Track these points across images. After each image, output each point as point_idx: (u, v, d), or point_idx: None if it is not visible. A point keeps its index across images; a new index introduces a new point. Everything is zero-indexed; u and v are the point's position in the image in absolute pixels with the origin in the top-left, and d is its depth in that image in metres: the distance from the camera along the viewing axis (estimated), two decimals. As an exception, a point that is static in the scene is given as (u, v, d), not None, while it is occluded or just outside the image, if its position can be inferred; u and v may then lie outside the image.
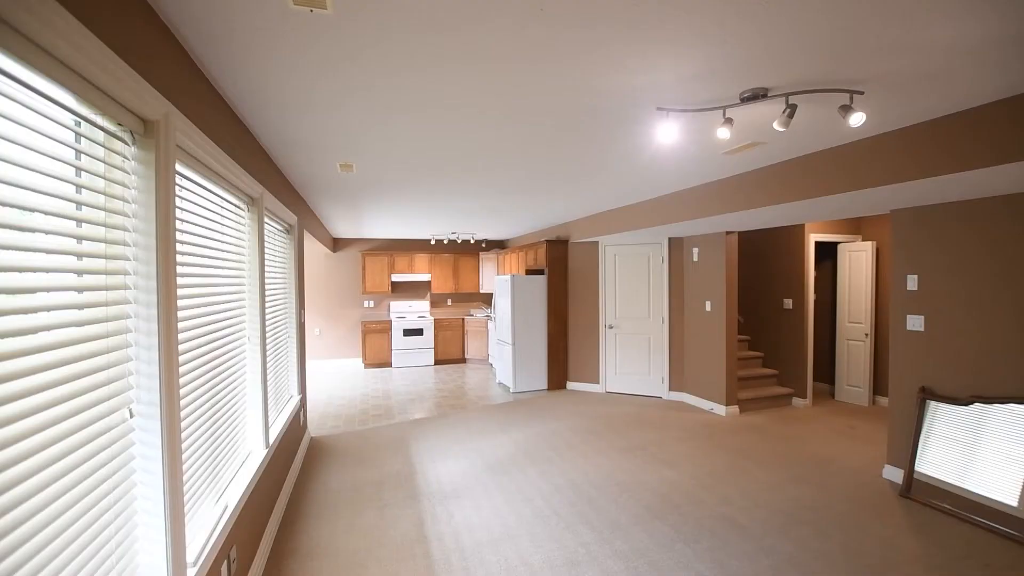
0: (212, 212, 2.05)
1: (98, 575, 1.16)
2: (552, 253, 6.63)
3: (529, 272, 7.20)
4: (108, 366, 1.23)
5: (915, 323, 3.49)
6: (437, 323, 8.66)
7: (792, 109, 2.00)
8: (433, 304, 9.23)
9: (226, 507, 1.98)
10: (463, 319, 8.81)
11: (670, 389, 6.01)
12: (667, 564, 2.55)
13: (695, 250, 5.68)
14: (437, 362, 8.69)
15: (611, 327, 6.36)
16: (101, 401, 1.20)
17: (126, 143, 1.32)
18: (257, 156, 2.71)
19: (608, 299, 6.38)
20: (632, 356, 6.25)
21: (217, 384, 2.07)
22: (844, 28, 1.57)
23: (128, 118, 1.29)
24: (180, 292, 1.63)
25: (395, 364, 8.43)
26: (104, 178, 1.23)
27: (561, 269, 6.69)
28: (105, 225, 1.23)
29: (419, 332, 8.52)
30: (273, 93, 2.07)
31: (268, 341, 3.01)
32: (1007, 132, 2.16)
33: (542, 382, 6.62)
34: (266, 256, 2.99)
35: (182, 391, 1.64)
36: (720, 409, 5.34)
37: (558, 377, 6.66)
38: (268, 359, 2.98)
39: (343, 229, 7.43)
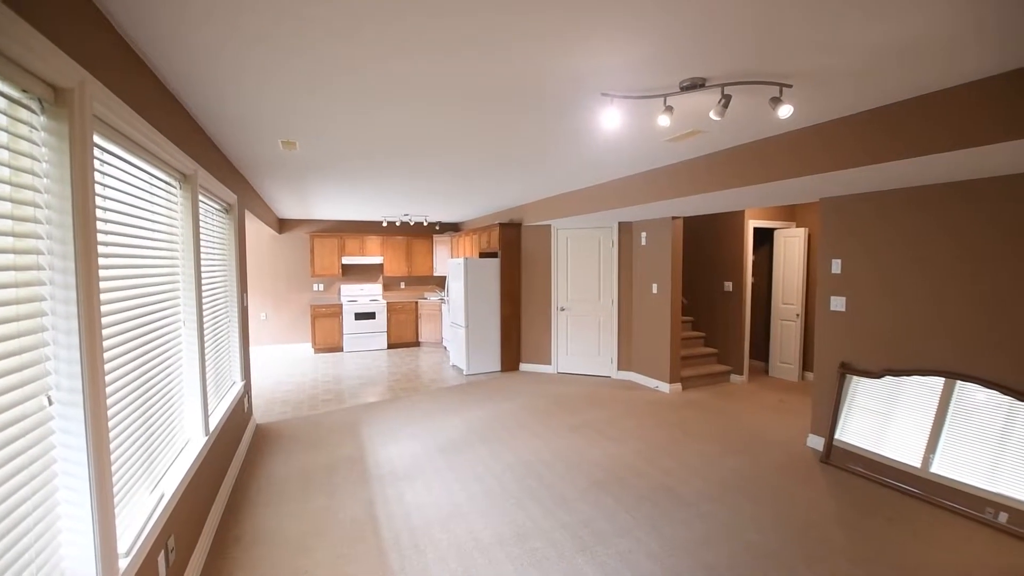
0: (139, 189, 1.93)
1: (13, 570, 1.11)
2: (505, 236, 6.65)
3: (483, 255, 7.20)
4: (21, 351, 1.16)
5: (838, 304, 3.78)
6: (390, 306, 8.54)
7: (727, 99, 2.09)
8: (386, 287, 9.08)
9: (162, 496, 1.92)
10: (417, 302, 8.73)
11: (619, 369, 6.23)
12: (609, 532, 2.69)
13: (643, 234, 5.86)
14: (390, 346, 8.59)
15: (563, 309, 6.49)
16: (13, 388, 1.13)
17: (33, 112, 1.23)
18: (190, 131, 2.56)
19: (560, 282, 6.50)
20: (583, 337, 6.42)
21: (150, 370, 1.98)
22: (776, 23, 1.65)
23: (35, 84, 1.19)
24: (104, 273, 1.54)
25: (347, 348, 8.26)
26: (8, 149, 1.14)
27: (514, 252, 6.74)
28: (11, 200, 1.15)
29: (371, 316, 8.38)
30: (204, 67, 1.96)
31: (206, 326, 2.89)
32: (920, 127, 2.34)
33: (495, 364, 6.69)
34: (202, 236, 2.85)
35: (109, 377, 1.56)
36: (664, 387, 5.59)
37: (511, 359, 6.75)
38: (207, 344, 2.87)
39: (290, 210, 7.14)
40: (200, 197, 2.80)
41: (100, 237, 1.53)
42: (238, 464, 3.54)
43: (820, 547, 2.55)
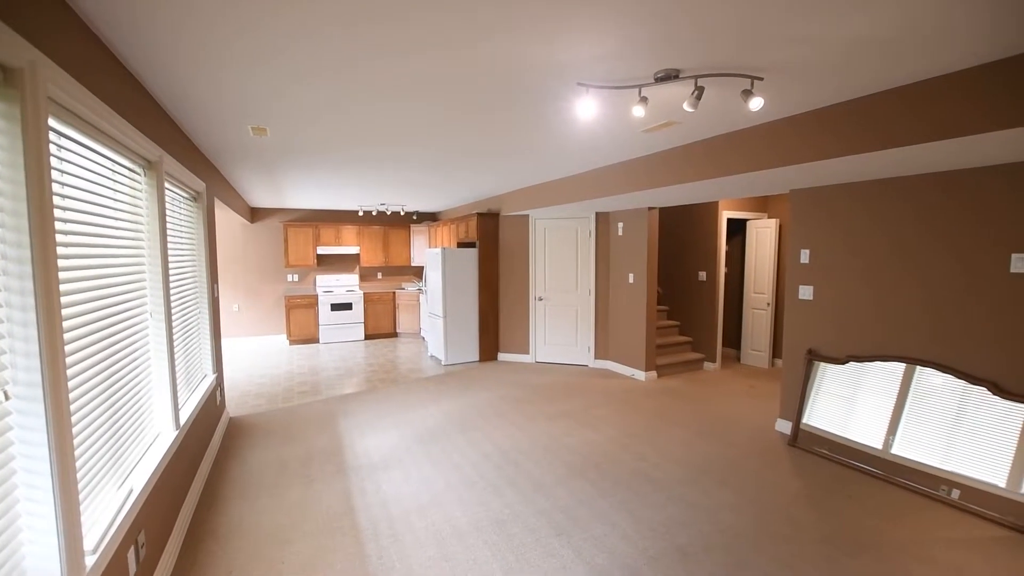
0: (100, 176, 1.86)
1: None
2: (483, 226, 6.63)
3: (461, 245, 7.17)
4: (-26, 344, 1.12)
5: (806, 293, 3.89)
6: (367, 297, 8.44)
7: (700, 91, 2.12)
8: (363, 278, 8.97)
9: (131, 491, 1.88)
10: (394, 292, 8.66)
11: (596, 357, 6.31)
12: (585, 516, 2.74)
13: (620, 225, 5.91)
14: (368, 337, 8.51)
15: (541, 299, 6.53)
16: (-33, 383, 1.09)
17: (-18, 93, 1.17)
18: (155, 116, 2.46)
19: (538, 272, 6.52)
20: (561, 327, 6.47)
21: (116, 363, 1.93)
22: (750, 16, 1.68)
23: (-17, 64, 1.13)
24: (64, 263, 1.49)
25: (323, 340, 8.16)
26: (-44, 133, 1.09)
27: (492, 242, 6.72)
28: (-39, 187, 1.09)
29: (348, 307, 8.27)
30: (166, 49, 1.89)
31: (175, 317, 2.82)
32: (895, 119, 2.41)
33: (474, 354, 6.70)
34: (169, 225, 2.77)
35: (72, 371, 1.52)
36: (640, 375, 5.69)
37: (489, 349, 6.77)
38: (176, 336, 2.80)
39: (262, 198, 6.97)
40: (166, 184, 2.71)
41: (59, 225, 1.47)
42: (211, 458, 3.48)
43: (786, 526, 2.65)
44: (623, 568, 2.30)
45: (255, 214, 8.10)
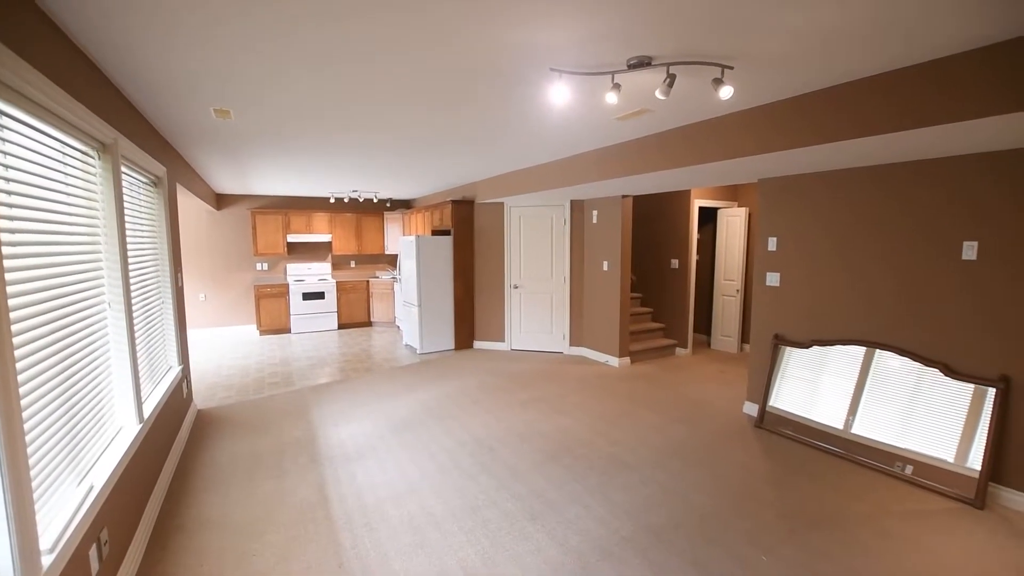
0: (50, 159, 1.76)
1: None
2: (458, 214, 6.57)
3: (435, 233, 7.10)
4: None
5: (773, 279, 4.00)
6: (340, 286, 8.30)
7: (672, 79, 2.13)
8: (335, 266, 8.80)
9: (91, 488, 1.82)
10: (368, 281, 8.53)
11: (570, 344, 6.37)
12: (559, 501, 2.78)
13: (594, 212, 5.94)
14: (341, 326, 8.38)
15: (516, 287, 6.53)
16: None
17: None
18: (109, 96, 2.34)
19: (513, 259, 6.52)
20: (536, 314, 6.50)
21: (72, 355, 1.84)
22: (722, 4, 1.68)
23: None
24: (9, 251, 1.41)
25: (294, 330, 8.00)
26: None
27: (467, 230, 6.68)
28: None
29: (320, 296, 8.12)
30: (117, 25, 1.79)
31: (136, 307, 2.71)
32: (873, 108, 2.42)
33: (449, 342, 6.68)
34: (128, 211, 2.65)
35: (21, 364, 1.44)
36: (614, 361, 5.78)
37: (465, 337, 6.76)
38: (137, 327, 2.70)
39: (227, 184, 6.73)
40: (123, 169, 2.59)
41: (2, 211, 1.39)
42: (179, 451, 3.39)
43: (751, 503, 2.75)
44: (596, 549, 2.35)
45: (221, 200, 7.83)
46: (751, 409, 4.15)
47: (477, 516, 2.64)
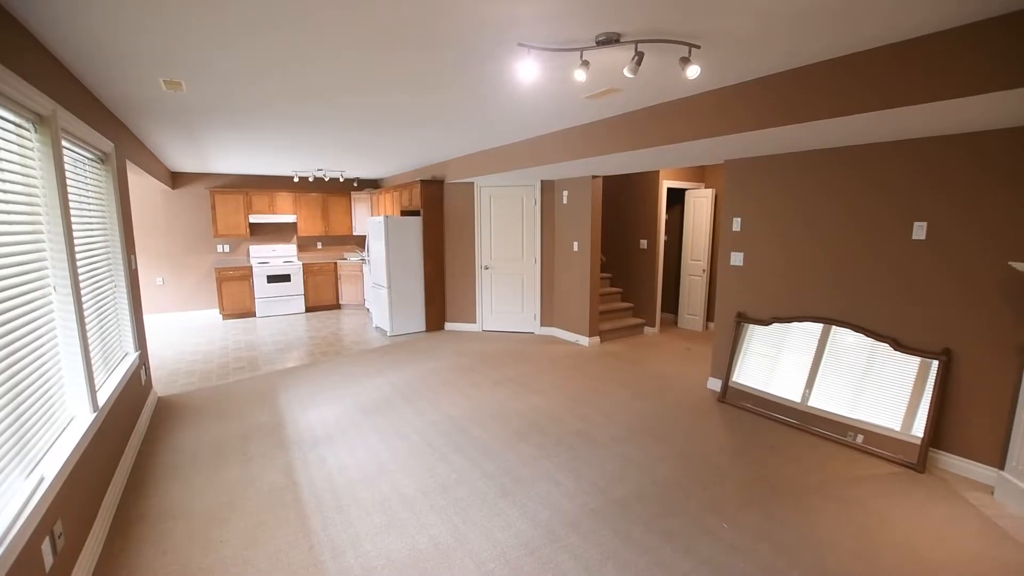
0: (-23, 131, 1.63)
1: None
2: (427, 193, 6.46)
3: (404, 213, 6.98)
4: None
5: (737, 259, 4.11)
6: (306, 268, 8.09)
7: (640, 56, 2.12)
8: (301, 248, 8.57)
9: (42, 479, 1.74)
10: (336, 263, 8.34)
11: (541, 325, 6.42)
12: (530, 477, 2.83)
13: (565, 193, 5.94)
14: (309, 309, 8.20)
15: (487, 268, 6.51)
16: None
17: None
18: (45, 64, 2.17)
19: (484, 240, 6.48)
20: (507, 295, 6.51)
21: (12, 343, 1.74)
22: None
23: None
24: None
25: (260, 314, 7.78)
26: None
27: (437, 210, 6.59)
28: None
29: (286, 278, 7.91)
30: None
31: (85, 291, 2.58)
32: (842, 88, 2.46)
33: (420, 324, 6.63)
34: (72, 189, 2.50)
35: (-45, 352, 1.35)
36: (584, 340, 5.86)
37: (436, 318, 6.72)
38: (87, 312, 2.57)
39: (183, 162, 6.41)
40: (64, 143, 2.43)
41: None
42: (139, 440, 3.28)
43: (713, 474, 2.87)
44: (565, 522, 2.41)
45: (177, 179, 7.46)
46: (715, 385, 4.29)
47: (448, 495, 2.66)
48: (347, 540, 2.29)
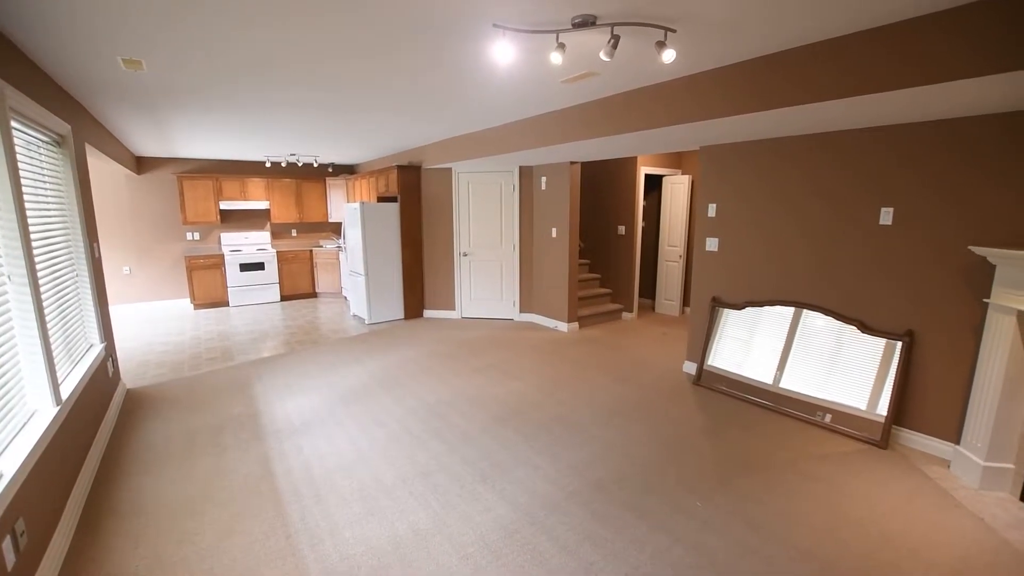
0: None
1: None
2: (404, 179, 6.36)
3: (381, 199, 6.87)
4: None
5: (712, 244, 4.16)
6: (281, 256, 7.92)
7: (616, 40, 2.10)
8: (275, 235, 8.37)
9: (1, 476, 1.68)
10: (311, 251, 8.18)
11: (520, 311, 6.43)
12: (509, 462, 2.85)
13: (543, 179, 5.92)
14: (284, 298, 8.05)
15: (466, 254, 6.47)
16: None
17: None
18: (-12, 38, 2.05)
19: (462, 227, 6.43)
20: (486, 282, 6.49)
21: (-36, 334, 1.66)
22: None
23: None
24: None
25: (233, 303, 7.61)
26: None
27: (414, 196, 6.50)
28: None
29: (260, 266, 7.73)
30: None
31: (44, 281, 2.47)
32: (818, 74, 2.49)
33: (399, 312, 6.58)
34: (25, 174, 2.37)
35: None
36: (563, 326, 5.90)
37: (415, 306, 6.67)
38: (47, 303, 2.47)
39: (148, 146, 6.16)
40: (14, 124, 2.30)
41: None
42: (107, 433, 3.19)
43: (688, 454, 2.93)
44: (544, 505, 2.44)
45: (142, 164, 7.18)
46: (690, 368, 4.38)
47: (428, 481, 2.67)
48: (325, 529, 2.28)
